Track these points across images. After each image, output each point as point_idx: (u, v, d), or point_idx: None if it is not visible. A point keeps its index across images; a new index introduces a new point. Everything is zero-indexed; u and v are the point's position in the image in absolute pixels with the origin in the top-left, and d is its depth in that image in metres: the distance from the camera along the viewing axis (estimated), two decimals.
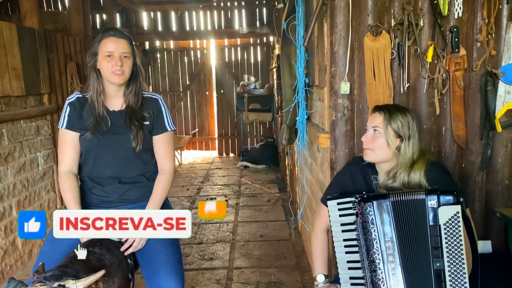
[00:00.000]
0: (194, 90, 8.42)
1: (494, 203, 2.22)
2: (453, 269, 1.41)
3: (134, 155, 1.81)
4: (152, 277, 1.70)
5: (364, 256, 1.52)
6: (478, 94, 2.14)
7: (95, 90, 1.80)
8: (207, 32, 7.77)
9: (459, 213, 1.42)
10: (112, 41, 1.76)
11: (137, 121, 1.81)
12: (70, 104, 1.84)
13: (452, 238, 1.42)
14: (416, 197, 1.48)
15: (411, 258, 1.48)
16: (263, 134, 8.21)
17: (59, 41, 4.30)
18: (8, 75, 3.32)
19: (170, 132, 1.91)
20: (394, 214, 1.49)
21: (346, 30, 2.13)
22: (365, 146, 1.67)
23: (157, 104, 1.90)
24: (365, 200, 1.52)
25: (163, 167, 1.90)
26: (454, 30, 2.07)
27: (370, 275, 1.50)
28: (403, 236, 1.49)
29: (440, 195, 1.45)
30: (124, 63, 1.76)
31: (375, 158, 1.66)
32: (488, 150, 2.16)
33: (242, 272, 3.25)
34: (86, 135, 1.78)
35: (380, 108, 1.68)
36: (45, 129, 3.93)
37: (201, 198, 5.38)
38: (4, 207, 3.23)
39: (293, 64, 2.86)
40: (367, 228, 1.51)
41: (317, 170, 2.82)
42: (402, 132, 1.62)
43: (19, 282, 1.37)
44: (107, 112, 1.83)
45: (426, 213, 1.46)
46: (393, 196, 1.50)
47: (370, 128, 1.67)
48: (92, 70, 1.80)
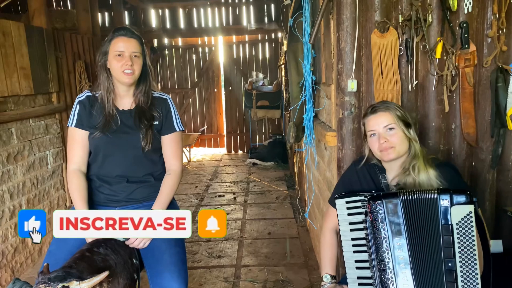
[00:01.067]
0: (202, 87, 8.42)
1: (505, 202, 2.17)
2: (465, 269, 1.39)
3: (143, 154, 1.81)
4: (156, 277, 1.70)
5: (373, 255, 1.50)
6: (488, 91, 2.10)
7: (105, 89, 1.81)
8: (215, 29, 7.76)
9: (472, 212, 1.40)
10: (123, 40, 1.76)
11: (147, 120, 1.81)
12: (80, 102, 1.85)
13: (465, 238, 1.40)
14: (428, 196, 1.45)
15: (422, 258, 1.45)
16: (272, 131, 8.19)
17: (67, 40, 4.32)
18: (17, 74, 3.35)
19: (178, 132, 1.91)
20: (405, 213, 1.47)
21: (353, 26, 2.10)
22: (385, 146, 1.61)
23: (166, 104, 1.90)
24: (375, 199, 1.50)
25: (171, 167, 1.90)
26: (464, 25, 2.03)
27: (379, 275, 1.48)
28: (414, 235, 1.46)
29: (453, 194, 1.43)
30: (134, 63, 1.76)
31: (398, 153, 1.63)
32: (499, 148, 2.12)
33: (250, 270, 3.25)
34: (95, 134, 1.79)
35: (378, 108, 1.66)
36: (54, 128, 3.96)
37: (210, 195, 5.38)
38: (14, 205, 3.27)
39: (299, 61, 2.84)
40: (377, 226, 1.49)
41: (324, 168, 2.80)
42: (408, 119, 1.65)
43: (24, 282, 1.38)
44: (117, 111, 1.83)
45: (438, 212, 1.44)
46: (404, 194, 1.48)
47: (380, 129, 1.63)
48: (102, 69, 1.80)
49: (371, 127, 1.65)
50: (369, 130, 1.66)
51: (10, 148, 3.27)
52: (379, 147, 1.63)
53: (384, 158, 1.65)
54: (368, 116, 1.67)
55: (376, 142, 1.64)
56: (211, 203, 5.08)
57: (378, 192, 1.55)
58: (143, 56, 1.81)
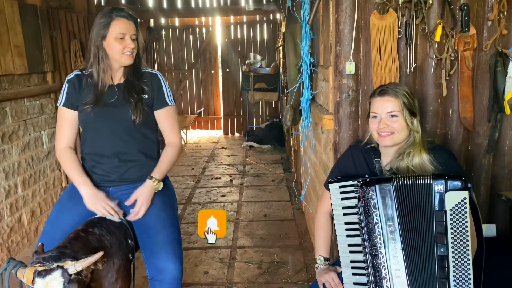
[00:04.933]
0: (199, 69, 8.35)
1: (500, 187, 2.18)
2: (457, 255, 1.39)
3: (134, 128, 1.81)
4: (151, 257, 1.71)
5: (365, 240, 1.50)
6: (487, 75, 2.08)
7: (101, 69, 1.80)
8: (212, 9, 7.64)
9: (466, 199, 1.38)
10: (125, 23, 1.77)
11: (136, 94, 1.81)
12: (69, 81, 1.85)
13: (458, 224, 1.39)
14: (422, 181, 1.44)
15: (414, 243, 1.45)
16: (269, 114, 8.16)
17: (62, 19, 4.24)
18: (11, 53, 3.29)
19: (172, 107, 1.91)
20: (397, 198, 1.46)
21: (352, 7, 2.06)
22: (383, 131, 1.60)
23: (156, 79, 1.90)
24: (368, 184, 1.49)
25: (170, 140, 1.92)
26: (465, 8, 2.00)
27: (371, 259, 1.48)
28: (406, 221, 1.45)
29: (447, 180, 1.41)
30: (134, 45, 1.79)
31: (396, 141, 1.60)
32: (495, 132, 2.12)
33: (245, 252, 3.27)
34: (85, 108, 1.79)
35: (386, 91, 1.60)
36: (49, 108, 3.92)
37: (206, 178, 5.39)
38: (9, 185, 3.26)
39: (298, 43, 2.80)
40: (369, 212, 1.48)
41: (320, 151, 2.79)
42: (414, 107, 1.60)
43: (19, 262, 1.38)
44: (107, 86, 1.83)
45: (432, 198, 1.42)
46: (396, 180, 1.47)
47: (383, 114, 1.59)
48: (101, 49, 1.78)
49: (376, 109, 1.62)
50: (373, 111, 1.64)
51: (5, 127, 3.24)
52: (377, 130, 1.61)
53: (380, 143, 1.64)
54: (375, 96, 1.64)
55: (376, 123, 1.62)
56: (207, 185, 5.09)
57: (371, 177, 1.54)
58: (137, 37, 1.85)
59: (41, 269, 1.29)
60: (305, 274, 2.90)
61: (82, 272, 1.32)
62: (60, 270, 1.29)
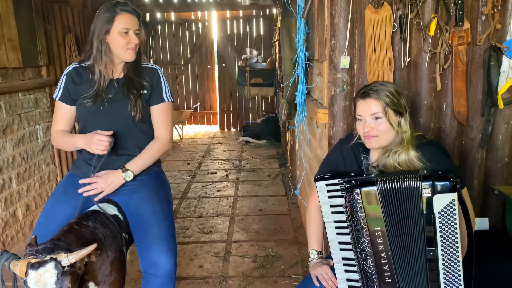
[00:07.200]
0: (195, 64, 8.32)
1: (493, 181, 2.20)
2: (447, 257, 1.36)
3: (134, 124, 1.81)
4: (145, 251, 1.71)
5: (354, 242, 1.47)
6: (481, 70, 2.09)
7: (103, 64, 1.79)
8: (208, 4, 7.60)
9: (455, 200, 1.33)
10: (129, 17, 1.76)
11: (136, 90, 1.81)
12: (67, 74, 1.84)
13: (447, 226, 1.34)
14: (409, 185, 1.38)
15: (403, 247, 1.42)
16: (265, 109, 8.15)
17: (57, 12, 4.22)
18: (5, 46, 3.27)
19: (168, 103, 1.90)
20: (383, 203, 1.41)
21: (347, 1, 2.06)
22: (369, 134, 1.56)
23: (156, 74, 1.89)
24: (353, 187, 1.44)
25: (159, 135, 1.89)
26: (459, 2, 2.00)
27: (361, 264, 1.47)
28: (394, 225, 1.42)
29: (435, 182, 1.34)
30: (137, 40, 1.79)
31: (381, 144, 1.57)
32: (489, 127, 2.13)
33: (241, 246, 3.28)
34: (84, 102, 1.79)
35: (368, 94, 1.56)
36: (44, 102, 3.91)
37: (202, 172, 5.39)
38: (3, 179, 3.25)
39: (293, 37, 2.80)
40: (356, 217, 1.44)
41: (315, 146, 2.80)
42: (400, 107, 1.55)
43: (12, 254, 1.37)
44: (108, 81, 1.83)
45: (420, 201, 1.37)
46: (381, 183, 1.41)
47: (367, 117, 1.56)
48: (104, 43, 1.77)
49: (359, 111, 1.59)
50: (357, 114, 1.60)
51: None
52: (363, 133, 1.58)
53: (367, 145, 1.61)
54: (358, 99, 1.60)
55: (361, 126, 1.58)
56: (203, 180, 5.09)
57: (357, 178, 1.48)
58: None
59: (34, 261, 1.28)
60: (300, 267, 2.91)
61: (75, 264, 1.32)
62: (53, 262, 1.28)
